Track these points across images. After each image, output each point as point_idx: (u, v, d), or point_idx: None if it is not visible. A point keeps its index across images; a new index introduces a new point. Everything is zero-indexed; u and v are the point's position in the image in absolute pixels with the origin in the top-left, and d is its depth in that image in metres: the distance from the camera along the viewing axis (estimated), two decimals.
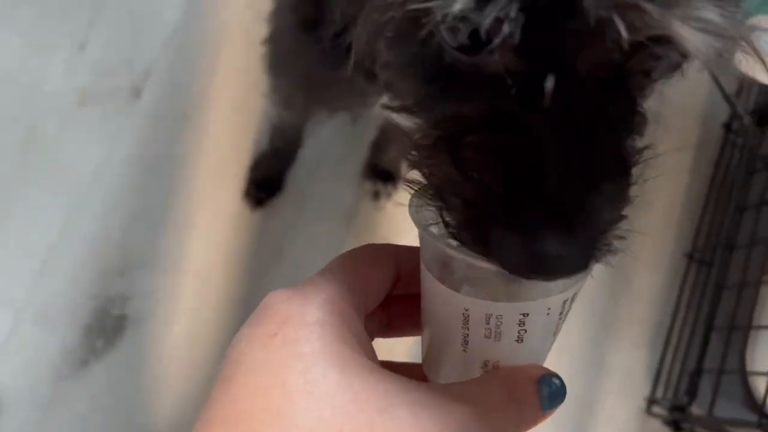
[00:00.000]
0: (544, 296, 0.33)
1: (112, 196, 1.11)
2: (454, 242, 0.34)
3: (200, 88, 1.17)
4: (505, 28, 0.30)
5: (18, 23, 1.13)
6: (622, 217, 0.35)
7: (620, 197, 0.34)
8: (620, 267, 1.23)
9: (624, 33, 0.30)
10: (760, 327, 1.04)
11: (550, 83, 0.31)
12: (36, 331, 1.05)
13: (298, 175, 1.16)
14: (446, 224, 0.34)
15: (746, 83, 1.17)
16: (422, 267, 0.35)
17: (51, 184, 1.10)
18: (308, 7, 0.56)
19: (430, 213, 0.36)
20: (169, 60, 1.16)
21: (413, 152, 0.38)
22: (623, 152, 0.35)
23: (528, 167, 0.32)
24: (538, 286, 0.33)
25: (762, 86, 1.21)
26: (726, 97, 1.12)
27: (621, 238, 0.35)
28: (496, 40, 0.31)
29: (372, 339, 0.38)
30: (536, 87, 0.31)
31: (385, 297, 0.38)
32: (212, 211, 1.13)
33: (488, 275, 0.33)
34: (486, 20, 0.30)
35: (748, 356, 1.05)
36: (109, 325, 1.06)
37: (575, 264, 0.32)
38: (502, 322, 0.33)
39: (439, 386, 0.33)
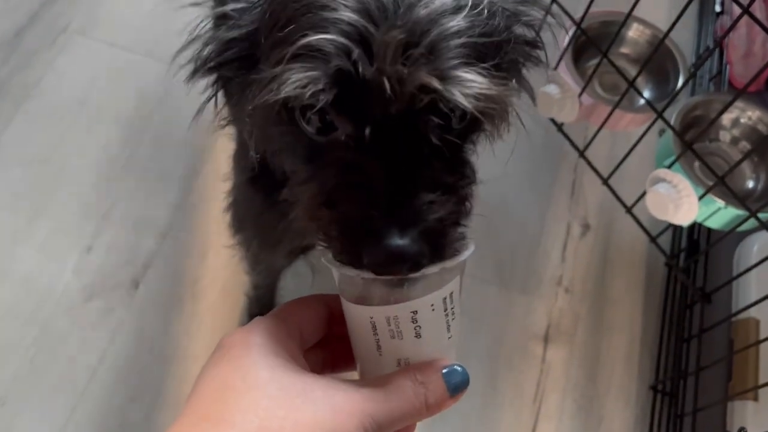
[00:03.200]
0: (423, 294, 0.44)
1: (113, 381, 1.23)
2: (350, 268, 0.46)
3: (192, 277, 1.33)
4: (322, 97, 0.45)
5: (35, 236, 1.33)
6: (454, 223, 0.48)
7: (442, 205, 0.47)
8: (591, 407, 1.30)
9: (388, 89, 0.45)
10: None
11: (368, 131, 0.46)
12: None
13: None
14: (335, 256, 0.47)
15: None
16: (341, 297, 0.47)
17: (58, 377, 1.22)
18: (251, 166, 0.75)
19: None
20: (164, 254, 1.33)
21: (309, 220, 0.51)
22: (440, 177, 0.49)
23: (369, 196, 0.46)
24: (417, 287, 0.44)
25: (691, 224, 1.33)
26: (653, 239, 1.25)
27: (460, 240, 0.48)
28: (319, 105, 0.46)
29: (319, 374, 0.48)
30: (365, 140, 0.47)
31: (324, 339, 0.49)
32: None
33: (376, 285, 0.44)
34: (308, 94, 0.45)
35: None
36: None
37: (415, 251, 0.43)
38: (399, 322, 0.44)
39: (355, 380, 0.43)
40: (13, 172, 1.39)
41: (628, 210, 1.25)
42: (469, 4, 0.47)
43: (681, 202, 1.09)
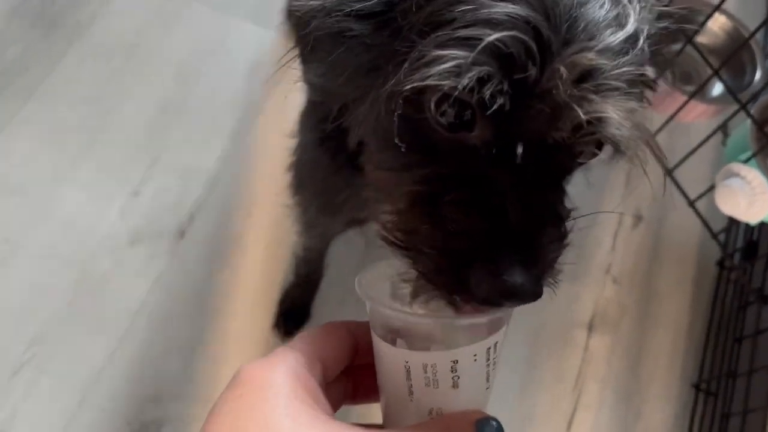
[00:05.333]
0: (467, 343, 0.40)
1: (152, 329, 1.20)
2: (390, 305, 0.43)
3: (237, 231, 1.30)
4: (499, 100, 0.41)
5: (79, 176, 1.30)
6: (559, 255, 0.45)
7: (559, 239, 0.45)
8: (630, 399, 1.28)
9: (582, 115, 0.41)
10: None
11: (520, 150, 0.43)
12: None
13: (325, 310, 1.25)
14: (420, 272, 0.43)
15: (734, 221, 1.28)
16: (372, 332, 0.43)
17: (97, 320, 1.20)
18: (321, 127, 0.70)
19: (376, 284, 0.44)
20: (211, 206, 1.31)
21: (391, 219, 0.47)
22: (559, 207, 0.46)
23: (496, 217, 0.42)
24: (461, 335, 0.41)
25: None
26: (714, 236, 1.23)
27: (559, 271, 0.45)
28: (494, 107, 0.41)
29: (340, 405, 0.45)
30: (503, 152, 0.43)
31: (347, 367, 0.45)
32: (244, 343, 1.22)
33: (421, 329, 0.41)
34: (486, 93, 0.40)
35: None
36: None
37: (533, 291, 0.41)
38: (437, 370, 0.40)
39: (380, 429, 0.39)
40: (59, 110, 1.36)
41: (691, 204, 1.22)
42: (630, 27, 0.43)
43: (755, 198, 1.06)
